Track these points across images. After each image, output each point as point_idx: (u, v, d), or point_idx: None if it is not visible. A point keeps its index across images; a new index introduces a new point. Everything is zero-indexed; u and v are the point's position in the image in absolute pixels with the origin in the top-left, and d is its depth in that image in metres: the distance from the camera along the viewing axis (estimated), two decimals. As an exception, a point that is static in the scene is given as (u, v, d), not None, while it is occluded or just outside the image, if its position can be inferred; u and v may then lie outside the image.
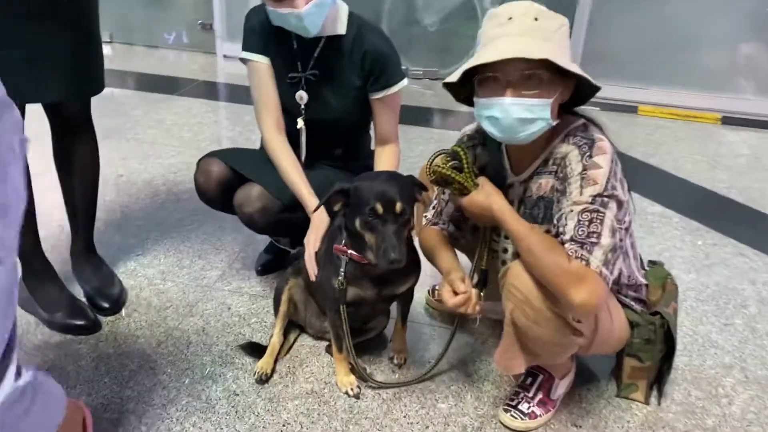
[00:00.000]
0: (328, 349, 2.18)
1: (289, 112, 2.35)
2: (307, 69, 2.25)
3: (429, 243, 2.04)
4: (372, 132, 2.41)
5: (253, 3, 3.91)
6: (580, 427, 1.95)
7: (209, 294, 2.49)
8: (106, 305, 2.32)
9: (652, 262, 2.14)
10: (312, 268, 2.04)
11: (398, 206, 1.72)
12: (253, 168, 2.28)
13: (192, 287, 2.53)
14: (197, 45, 5.96)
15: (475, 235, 2.05)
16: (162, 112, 4.42)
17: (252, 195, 2.21)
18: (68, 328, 2.21)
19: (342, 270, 1.89)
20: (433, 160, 1.82)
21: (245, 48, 2.25)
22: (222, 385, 2.04)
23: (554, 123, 1.65)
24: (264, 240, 2.77)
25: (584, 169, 1.61)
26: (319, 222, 2.09)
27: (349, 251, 1.87)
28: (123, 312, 2.35)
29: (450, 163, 1.79)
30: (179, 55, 5.95)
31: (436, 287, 2.51)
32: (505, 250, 1.90)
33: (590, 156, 1.62)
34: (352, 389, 2.03)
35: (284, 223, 2.28)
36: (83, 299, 2.34)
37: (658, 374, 2.05)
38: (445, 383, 2.10)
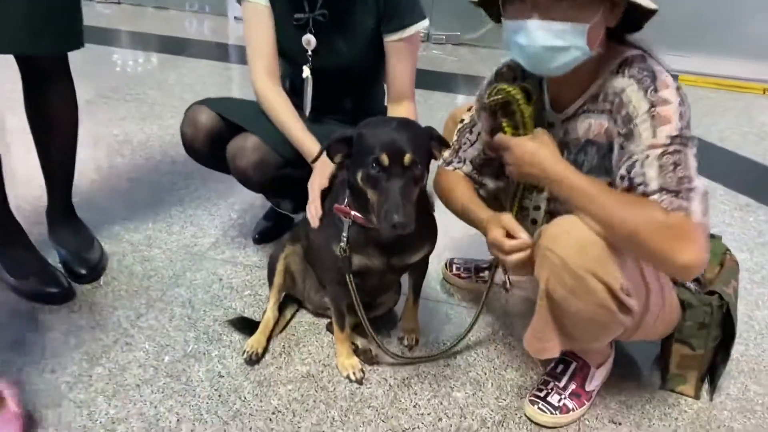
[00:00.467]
0: (329, 328, 1.91)
1: (294, 59, 2.06)
2: (316, 9, 1.95)
3: (449, 187, 1.75)
4: (386, 87, 2.12)
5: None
6: (620, 424, 1.67)
7: (199, 263, 2.23)
8: (83, 271, 2.07)
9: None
10: (314, 214, 1.74)
11: (407, 158, 1.43)
12: (249, 117, 2.00)
13: (180, 255, 2.27)
14: (210, 6, 5.70)
15: (497, 186, 1.76)
16: (167, 72, 4.15)
17: (247, 146, 1.93)
18: (38, 296, 1.96)
19: (344, 234, 1.61)
20: (494, 88, 1.52)
21: None
22: (206, 365, 1.78)
23: (594, 53, 1.37)
24: (264, 205, 2.49)
25: (651, 106, 1.32)
26: (323, 165, 1.78)
27: (352, 212, 1.59)
28: (101, 280, 2.10)
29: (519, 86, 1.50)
30: (190, 17, 5.67)
31: (455, 261, 2.22)
32: (537, 207, 1.63)
33: (655, 90, 1.33)
34: (354, 373, 1.76)
35: (284, 180, 2.00)
36: (58, 266, 2.09)
37: (711, 365, 1.76)
38: (461, 369, 1.83)
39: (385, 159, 1.42)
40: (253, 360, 1.79)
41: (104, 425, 1.57)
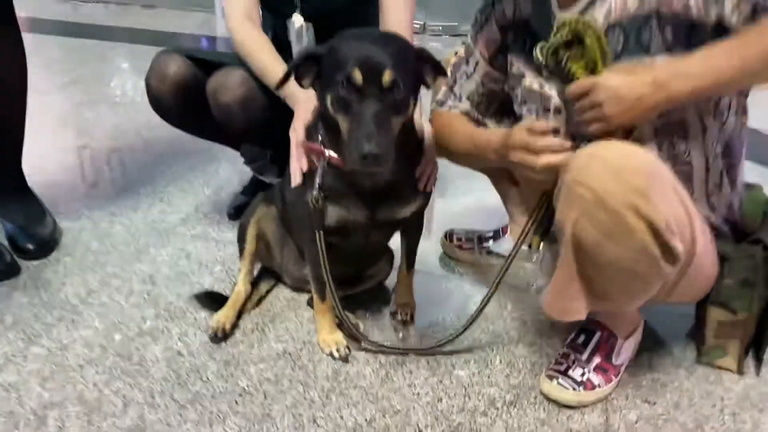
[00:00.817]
0: (311, 302, 1.64)
1: (278, 7, 1.82)
2: None
3: (445, 125, 1.51)
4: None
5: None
6: (654, 404, 1.39)
7: (166, 239, 1.97)
8: (30, 246, 1.81)
9: (746, 186, 1.56)
10: (297, 167, 1.43)
11: (387, 75, 1.15)
12: (228, 57, 1.76)
13: (145, 231, 2.01)
14: (196, 4, 5.53)
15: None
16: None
17: (231, 80, 1.69)
18: None
19: (317, 180, 1.34)
20: (557, 27, 1.27)
21: None
22: (164, 343, 1.52)
23: None
24: (242, 180, 2.24)
25: None
26: (306, 102, 1.49)
27: (327, 152, 1.33)
28: (52, 256, 1.84)
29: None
30: (176, 13, 5.48)
31: (455, 231, 1.96)
32: None
33: None
34: (338, 350, 1.49)
35: (269, 125, 1.74)
36: (4, 242, 1.84)
37: (757, 332, 1.48)
38: (464, 345, 1.55)
39: (357, 76, 1.15)
40: (219, 337, 1.52)
41: (34, 410, 1.30)
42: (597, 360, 1.42)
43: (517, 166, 1.32)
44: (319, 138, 1.34)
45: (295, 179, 1.43)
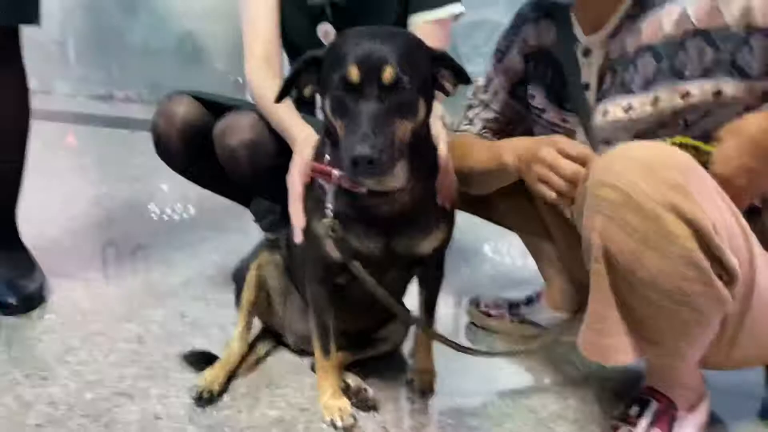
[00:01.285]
0: (314, 367, 1.41)
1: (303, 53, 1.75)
2: None
3: (460, 145, 1.38)
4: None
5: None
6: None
7: (162, 300, 1.79)
8: (12, 301, 1.65)
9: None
10: (297, 216, 1.28)
11: (388, 72, 1.01)
12: (239, 102, 1.67)
13: (141, 293, 1.83)
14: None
15: None
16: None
17: (241, 122, 1.57)
18: None
19: (328, 205, 1.17)
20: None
21: None
22: (140, 404, 1.30)
23: None
24: (252, 246, 2.08)
25: None
26: (306, 137, 1.37)
27: (335, 171, 1.17)
28: (35, 314, 1.67)
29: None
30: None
31: (481, 297, 1.75)
32: None
33: None
34: (341, 417, 1.25)
35: (279, 174, 1.59)
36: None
37: None
38: (493, 419, 1.31)
39: (354, 73, 1.01)
40: (205, 399, 1.30)
41: (-29, 474, 1.09)
42: (654, 435, 1.16)
43: (534, 181, 1.16)
44: (326, 157, 1.19)
45: (297, 225, 1.28)
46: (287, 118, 1.49)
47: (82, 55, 6.00)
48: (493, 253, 2.28)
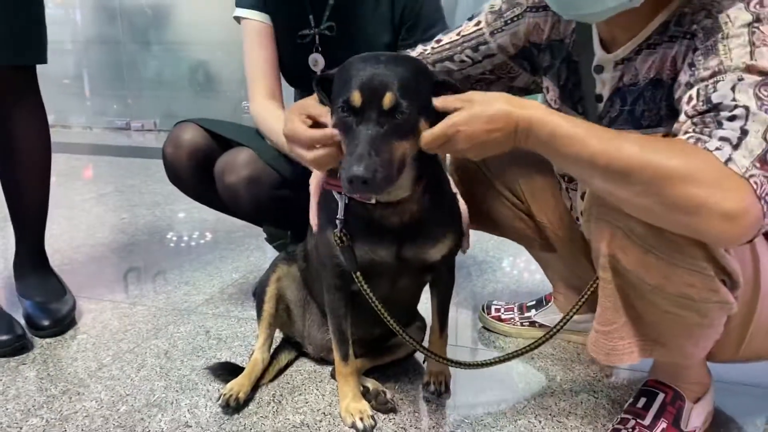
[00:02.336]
0: (334, 375, 1.49)
1: (300, 83, 1.85)
2: (322, 23, 1.76)
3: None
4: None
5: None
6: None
7: (186, 317, 1.87)
8: (46, 323, 1.73)
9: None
10: (314, 222, 1.37)
11: (388, 97, 1.06)
12: (242, 133, 1.75)
13: (166, 311, 1.92)
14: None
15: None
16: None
17: (239, 160, 1.65)
18: None
19: (339, 216, 1.25)
20: None
21: (240, 3, 1.79)
22: (171, 414, 1.37)
23: (636, 2, 1.03)
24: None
25: (756, 20, 0.96)
26: None
27: None
28: (68, 334, 1.75)
29: None
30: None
31: (493, 303, 1.81)
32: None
33: (761, 3, 0.97)
34: (361, 419, 1.31)
35: (282, 205, 1.69)
36: (21, 320, 1.76)
37: None
38: (507, 417, 1.37)
39: (356, 98, 1.07)
40: (231, 406, 1.37)
41: (18, 480, 1.16)
42: (662, 425, 1.21)
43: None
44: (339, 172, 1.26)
45: (313, 223, 1.35)
46: None
47: (97, 88, 6.19)
48: (504, 262, 2.35)
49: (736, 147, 0.89)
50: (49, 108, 1.82)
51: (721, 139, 0.90)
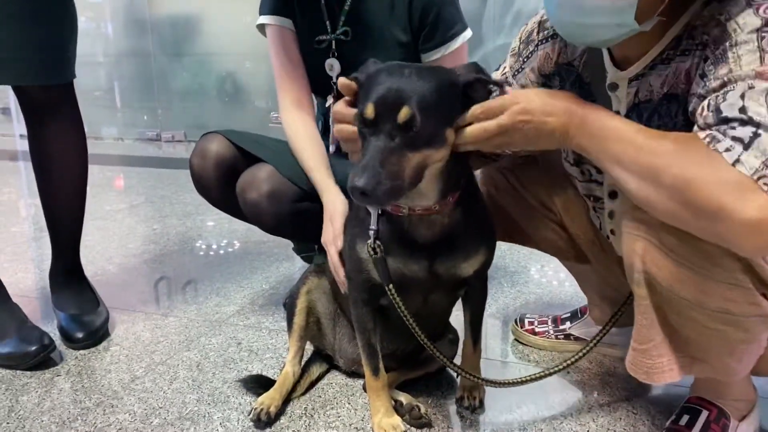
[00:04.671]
0: (366, 387, 1.47)
1: (319, 89, 1.85)
2: (338, 28, 1.76)
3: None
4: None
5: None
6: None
7: (218, 329, 1.87)
8: (80, 335, 1.75)
9: None
10: (339, 275, 1.41)
11: (403, 112, 1.04)
12: (266, 147, 1.75)
13: (198, 322, 1.92)
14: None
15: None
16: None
17: (259, 176, 1.65)
18: (12, 357, 1.63)
19: (372, 227, 1.23)
20: None
21: (262, 11, 1.80)
22: (203, 427, 1.37)
23: (647, 27, 1.01)
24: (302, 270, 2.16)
25: (765, 24, 0.93)
26: (334, 208, 1.48)
27: None
28: (101, 345, 1.77)
29: None
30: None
31: (526, 316, 1.78)
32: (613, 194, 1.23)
33: None
34: (394, 435, 1.30)
35: (304, 217, 1.67)
36: (56, 332, 1.79)
37: None
38: (543, 432, 1.34)
39: (369, 111, 1.06)
40: (263, 420, 1.36)
41: (53, 493, 1.16)
42: (707, 444, 1.17)
43: None
44: None
45: (341, 286, 1.41)
46: (319, 180, 1.60)
47: (128, 100, 6.29)
48: (537, 273, 2.31)
49: (747, 147, 0.87)
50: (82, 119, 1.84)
51: (734, 138, 0.88)
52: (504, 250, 2.52)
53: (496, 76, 1.41)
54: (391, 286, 1.24)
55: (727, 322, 1.00)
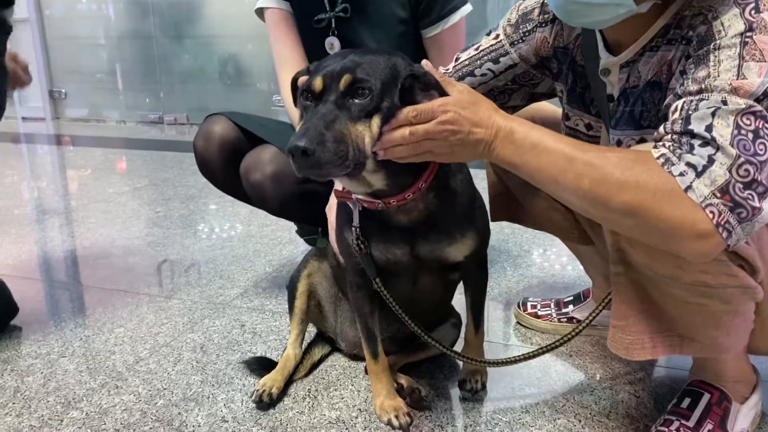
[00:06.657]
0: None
1: None
2: (336, 6, 1.74)
3: None
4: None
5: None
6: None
7: (221, 311, 1.88)
8: None
9: None
10: (335, 246, 1.41)
11: (345, 79, 1.03)
12: (269, 129, 1.75)
13: (201, 305, 1.93)
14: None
15: None
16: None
17: (263, 158, 1.65)
18: None
19: (355, 224, 1.22)
20: None
21: None
22: (207, 409, 1.38)
23: (644, 8, 1.02)
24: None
25: (749, 29, 0.93)
26: (338, 185, 1.46)
27: (354, 194, 1.20)
28: (104, 328, 1.77)
29: None
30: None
31: (529, 299, 1.78)
32: None
33: (757, 10, 0.94)
34: (396, 417, 1.30)
35: (308, 199, 1.67)
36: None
37: None
38: (545, 416, 1.34)
39: (317, 83, 1.04)
40: (265, 402, 1.37)
41: (60, 473, 1.18)
42: (708, 427, 1.18)
43: None
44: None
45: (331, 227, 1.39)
46: None
47: (130, 82, 6.27)
48: (539, 257, 2.31)
49: (699, 175, 0.89)
50: (84, 102, 1.84)
51: (688, 164, 0.90)
52: (507, 233, 2.52)
53: (486, 39, 1.39)
54: (377, 279, 1.25)
55: (705, 294, 1.01)
